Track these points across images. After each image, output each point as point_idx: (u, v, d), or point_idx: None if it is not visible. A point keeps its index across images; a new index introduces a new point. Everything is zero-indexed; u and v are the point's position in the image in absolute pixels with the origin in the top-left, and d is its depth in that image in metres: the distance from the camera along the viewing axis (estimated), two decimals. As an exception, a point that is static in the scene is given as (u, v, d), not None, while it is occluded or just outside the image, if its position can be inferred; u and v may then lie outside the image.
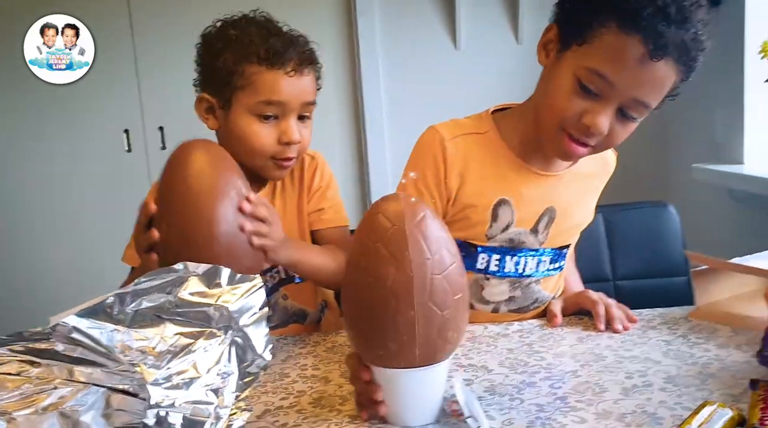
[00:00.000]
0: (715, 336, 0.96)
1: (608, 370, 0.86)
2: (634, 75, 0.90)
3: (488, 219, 1.05)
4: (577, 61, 0.92)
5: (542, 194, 1.06)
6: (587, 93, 0.92)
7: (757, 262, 1.02)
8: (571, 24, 0.95)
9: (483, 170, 1.05)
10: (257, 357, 0.69)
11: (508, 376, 0.86)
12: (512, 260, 1.08)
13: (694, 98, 2.37)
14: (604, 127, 0.94)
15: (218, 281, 0.71)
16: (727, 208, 2.16)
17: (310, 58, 1.09)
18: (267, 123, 1.06)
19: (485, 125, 1.08)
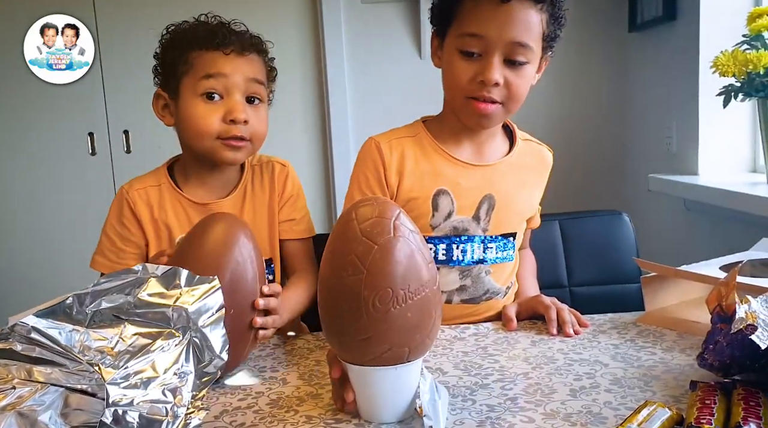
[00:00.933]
0: (661, 340, 1.00)
1: (558, 372, 0.89)
2: (498, 22, 1.03)
3: (430, 210, 1.13)
4: (452, 38, 1.07)
5: (479, 183, 1.14)
6: (470, 56, 1.06)
7: (702, 269, 1.07)
8: (439, 19, 1.11)
9: (418, 166, 1.14)
10: (215, 357, 0.71)
11: (462, 378, 0.88)
12: (459, 248, 1.14)
13: (651, 110, 2.46)
14: (496, 75, 1.05)
15: (177, 282, 0.72)
16: (682, 218, 2.22)
17: (254, 44, 1.14)
18: (212, 103, 1.10)
19: (416, 129, 1.18)
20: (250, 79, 1.12)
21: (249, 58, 1.13)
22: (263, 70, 1.16)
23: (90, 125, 2.57)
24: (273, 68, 1.21)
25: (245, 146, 1.13)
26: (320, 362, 0.97)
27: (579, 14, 2.63)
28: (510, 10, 1.03)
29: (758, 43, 1.70)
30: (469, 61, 1.06)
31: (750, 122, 2.10)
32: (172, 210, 1.17)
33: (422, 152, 1.15)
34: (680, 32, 2.18)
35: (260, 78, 1.14)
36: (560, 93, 2.68)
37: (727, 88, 1.75)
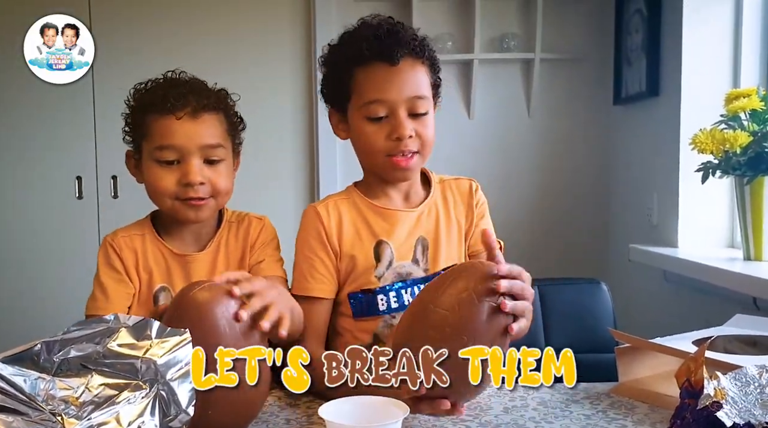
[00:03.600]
0: (632, 413, 1.00)
1: (528, 440, 0.88)
2: (395, 84, 1.14)
3: (373, 262, 1.19)
4: (356, 110, 1.16)
5: (410, 229, 1.21)
6: (378, 120, 1.15)
7: (675, 343, 1.08)
8: (335, 95, 1.21)
9: (355, 224, 1.21)
10: (180, 412, 0.70)
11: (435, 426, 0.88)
12: (407, 293, 1.19)
13: (634, 182, 2.50)
14: (408, 129, 1.14)
15: (148, 333, 0.72)
16: (661, 289, 2.23)
17: (209, 105, 1.15)
18: (169, 168, 1.13)
19: (349, 192, 1.27)
20: (204, 146, 1.13)
21: (203, 121, 1.14)
22: (221, 129, 1.17)
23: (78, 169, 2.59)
24: (238, 120, 1.23)
25: (206, 204, 1.15)
26: (290, 421, 0.96)
27: (566, 86, 2.71)
28: (401, 71, 1.14)
29: (735, 123, 1.76)
30: (379, 125, 1.15)
31: (728, 199, 2.13)
32: (153, 258, 1.20)
33: (357, 211, 1.22)
34: (662, 108, 2.25)
35: (215, 142, 1.15)
36: (545, 161, 2.73)
37: (706, 165, 1.80)
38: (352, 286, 1.19)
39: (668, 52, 2.20)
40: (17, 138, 2.60)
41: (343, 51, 1.19)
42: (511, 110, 2.68)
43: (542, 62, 2.63)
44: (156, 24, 2.61)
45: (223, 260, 1.20)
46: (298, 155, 2.72)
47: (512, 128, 2.69)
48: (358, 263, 1.19)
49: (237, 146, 1.23)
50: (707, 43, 2.10)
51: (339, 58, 1.19)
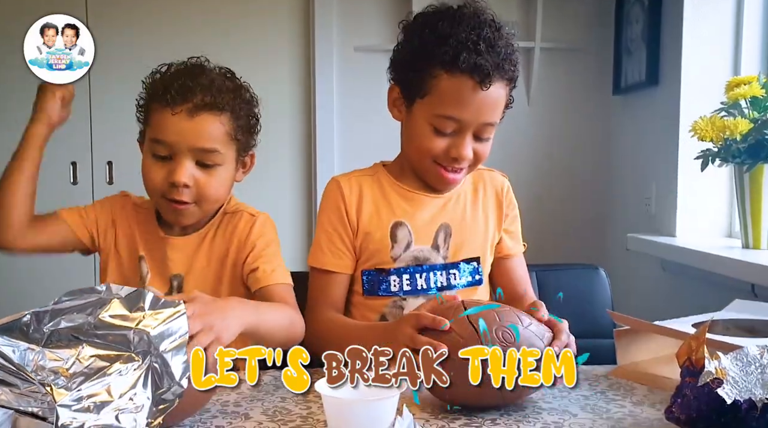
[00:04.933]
0: (631, 394, 0.99)
1: (526, 420, 0.87)
2: (475, 107, 1.08)
3: (389, 242, 1.17)
4: (426, 111, 1.10)
5: (434, 214, 1.19)
6: (444, 134, 1.10)
7: (676, 325, 1.07)
8: (408, 82, 1.12)
9: (375, 201, 1.19)
10: (174, 384, 0.69)
11: (429, 421, 0.87)
12: (422, 277, 1.17)
13: (632, 171, 2.50)
14: (469, 154, 1.11)
15: (141, 304, 0.71)
16: (659, 277, 2.23)
17: (214, 104, 1.06)
18: (161, 163, 1.08)
19: (375, 169, 1.24)
20: (196, 148, 1.06)
21: (200, 121, 1.06)
22: (221, 131, 1.08)
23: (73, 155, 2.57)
24: (252, 123, 1.14)
25: (187, 209, 1.10)
26: (286, 398, 0.95)
27: (566, 77, 2.70)
28: (487, 95, 1.07)
29: (735, 110, 1.75)
30: (442, 137, 1.10)
31: (727, 188, 2.12)
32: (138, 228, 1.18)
33: (379, 189, 1.20)
34: (662, 97, 2.23)
35: (210, 146, 1.07)
36: (544, 150, 2.72)
37: (705, 153, 1.79)
38: (366, 264, 1.18)
39: (668, 42, 2.19)
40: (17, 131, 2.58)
41: (433, 43, 1.07)
42: (510, 98, 2.67)
43: (542, 51, 2.62)
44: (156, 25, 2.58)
45: (205, 253, 1.16)
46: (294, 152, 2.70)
47: (511, 117, 2.62)
48: (374, 241, 1.17)
49: (245, 150, 1.15)
50: (708, 31, 2.08)
51: (427, 50, 1.08)
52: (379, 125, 2.70)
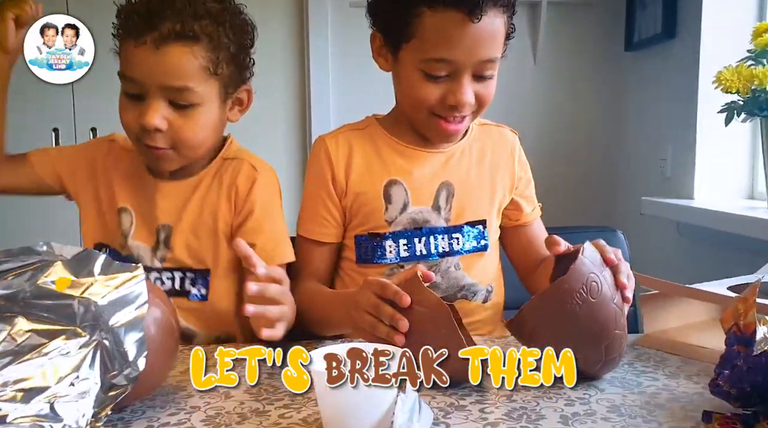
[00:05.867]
0: (663, 365, 0.87)
1: (546, 395, 0.76)
2: (468, 43, 0.93)
3: (382, 203, 1.05)
4: (413, 57, 0.96)
5: (434, 171, 1.06)
6: (437, 79, 0.96)
7: (711, 288, 0.96)
8: (389, 26, 0.99)
9: (367, 158, 1.06)
10: (127, 366, 0.57)
11: (435, 398, 0.75)
12: (421, 242, 1.05)
13: (647, 132, 2.37)
14: (469, 99, 0.97)
15: (90, 268, 0.59)
16: (675, 242, 2.13)
17: (182, 33, 0.91)
18: (133, 102, 0.94)
19: (366, 122, 1.11)
20: (165, 86, 0.92)
21: (167, 54, 0.90)
22: (195, 65, 0.92)
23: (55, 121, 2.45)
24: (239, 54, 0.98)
25: (165, 154, 0.96)
26: (273, 375, 0.83)
27: (574, 32, 2.56)
28: (480, 29, 0.93)
29: (764, 59, 1.61)
30: (436, 83, 0.97)
31: (748, 147, 2.01)
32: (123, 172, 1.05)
33: (371, 144, 1.07)
34: (679, 51, 2.10)
35: (180, 83, 0.92)
36: (552, 111, 2.59)
37: (730, 106, 1.66)
38: (359, 229, 1.06)
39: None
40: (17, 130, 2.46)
41: None
42: (515, 57, 2.52)
43: (549, 6, 2.48)
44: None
45: (197, 203, 1.02)
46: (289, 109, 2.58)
47: (517, 76, 2.55)
48: (366, 203, 1.05)
49: (233, 86, 1.00)
50: (729, -23, 1.94)
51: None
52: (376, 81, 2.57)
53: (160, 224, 1.02)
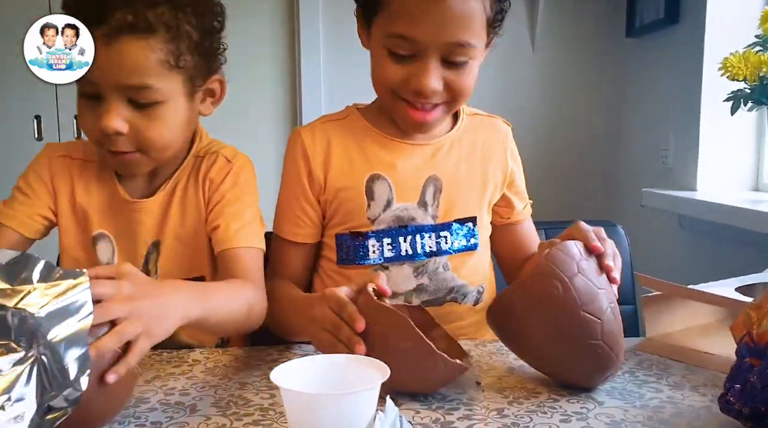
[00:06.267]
0: (666, 374, 0.81)
1: (540, 410, 0.70)
2: (433, 22, 0.86)
3: (364, 200, 0.98)
4: (379, 31, 0.90)
5: (419, 164, 0.99)
6: (401, 58, 0.89)
7: (716, 290, 0.89)
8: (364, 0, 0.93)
9: (347, 151, 0.99)
10: (67, 385, 0.51)
11: (419, 412, 0.69)
12: (407, 241, 0.98)
13: (648, 121, 2.30)
14: (432, 84, 0.89)
15: (26, 275, 0.53)
16: (676, 236, 2.06)
17: (134, 25, 0.81)
18: (91, 104, 0.85)
19: (346, 112, 1.04)
20: (122, 86, 0.83)
21: (119, 50, 0.81)
22: (153, 60, 0.83)
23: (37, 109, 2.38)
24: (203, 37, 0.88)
25: (132, 159, 0.88)
26: (245, 385, 0.77)
27: (573, 18, 2.49)
28: (448, 6, 0.85)
29: (771, 45, 1.54)
30: (400, 63, 0.90)
31: (754, 137, 1.94)
32: (97, 197, 0.95)
33: (352, 136, 1.00)
34: (682, 37, 2.03)
35: (139, 82, 0.83)
36: (550, 100, 2.52)
37: (736, 94, 1.59)
38: (340, 227, 0.99)
39: (691, -27, 1.97)
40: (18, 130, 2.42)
41: None
42: (513, 44, 2.45)
43: (548, -10, 2.40)
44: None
45: (178, 209, 0.94)
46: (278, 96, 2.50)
47: (514, 64, 2.47)
48: (347, 200, 0.98)
49: (201, 77, 0.90)
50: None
51: None
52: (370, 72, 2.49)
53: (147, 243, 0.94)
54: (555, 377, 0.77)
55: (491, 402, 0.72)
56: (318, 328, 0.75)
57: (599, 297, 0.73)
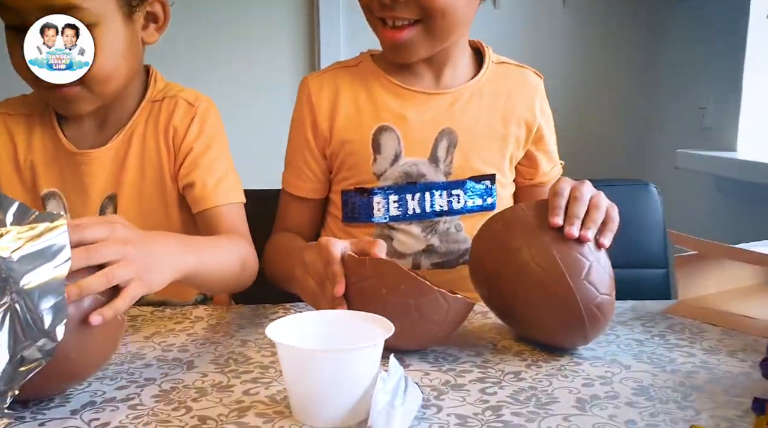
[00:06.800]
0: (700, 338, 0.75)
1: (561, 374, 0.65)
2: None
3: (370, 153, 0.92)
4: None
5: (433, 116, 0.92)
6: None
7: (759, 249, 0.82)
8: None
9: (356, 99, 0.93)
10: (41, 336, 0.47)
11: (428, 374, 0.65)
12: (414, 199, 0.92)
13: (685, 78, 2.19)
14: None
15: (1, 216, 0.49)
16: (712, 198, 1.98)
17: None
18: (19, 36, 0.78)
19: (359, 59, 0.98)
20: (46, 7, 0.76)
21: None
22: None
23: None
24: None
25: (72, 93, 0.81)
26: (247, 342, 0.74)
27: (607, -33, 2.36)
28: None
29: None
30: None
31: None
32: (42, 151, 0.88)
33: (362, 84, 0.94)
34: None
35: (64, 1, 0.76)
36: (582, 56, 2.42)
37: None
38: (345, 183, 0.93)
39: None
40: None
41: None
42: (543, -1, 2.35)
43: (581, -59, 2.27)
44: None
45: (137, 160, 0.87)
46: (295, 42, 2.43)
47: (544, 19, 2.37)
48: (352, 153, 0.92)
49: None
50: None
51: None
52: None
53: (100, 198, 0.87)
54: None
55: (507, 364, 0.67)
56: (304, 274, 0.71)
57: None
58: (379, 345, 0.55)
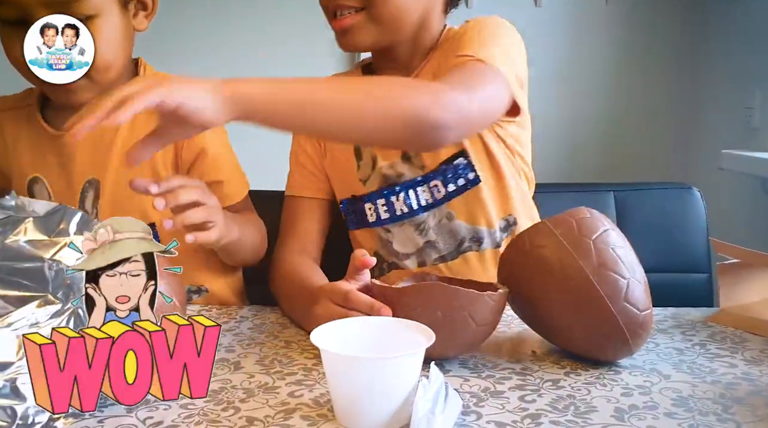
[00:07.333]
0: (742, 348, 0.75)
1: (600, 382, 0.66)
2: None
3: (354, 161, 0.93)
4: None
5: None
6: None
7: (803, 258, 0.82)
8: None
9: None
10: (103, 336, 0.50)
11: (468, 380, 0.66)
12: (399, 200, 0.92)
13: (731, 76, 2.14)
14: None
15: (63, 226, 0.52)
16: (758, 201, 1.94)
17: None
18: (16, 30, 0.80)
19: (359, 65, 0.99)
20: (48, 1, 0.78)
21: None
22: None
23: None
24: None
25: (78, 84, 0.81)
26: (290, 343, 0.76)
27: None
28: None
29: None
30: None
31: None
32: (27, 140, 0.91)
33: None
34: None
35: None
36: (624, 53, 2.38)
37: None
38: (342, 193, 0.96)
39: None
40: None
41: None
42: (585, -5, 2.32)
43: (625, -64, 2.24)
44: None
45: (124, 147, 0.87)
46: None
47: (587, 16, 2.34)
48: (339, 163, 0.94)
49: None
50: None
51: None
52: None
53: (83, 182, 0.89)
54: None
55: (546, 372, 0.68)
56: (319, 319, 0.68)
57: None
58: (420, 353, 0.57)
